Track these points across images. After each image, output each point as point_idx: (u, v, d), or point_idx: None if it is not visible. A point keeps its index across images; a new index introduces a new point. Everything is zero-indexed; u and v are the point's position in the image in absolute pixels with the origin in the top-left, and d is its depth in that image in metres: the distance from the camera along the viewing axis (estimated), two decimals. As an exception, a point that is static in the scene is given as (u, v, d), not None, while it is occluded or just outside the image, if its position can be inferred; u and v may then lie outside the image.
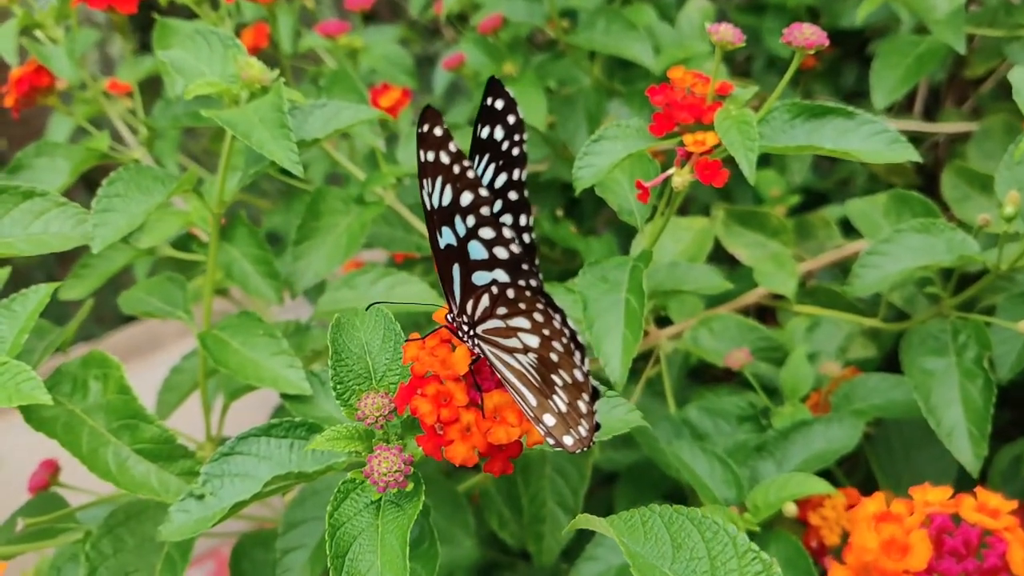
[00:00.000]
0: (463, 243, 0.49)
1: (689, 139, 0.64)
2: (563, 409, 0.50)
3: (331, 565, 0.48)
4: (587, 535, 0.68)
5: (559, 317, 0.48)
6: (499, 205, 0.54)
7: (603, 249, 1.14)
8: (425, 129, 0.47)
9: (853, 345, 0.94)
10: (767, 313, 1.14)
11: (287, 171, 0.68)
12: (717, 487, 0.76)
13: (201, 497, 0.56)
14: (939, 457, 0.87)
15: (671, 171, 0.66)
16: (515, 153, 0.53)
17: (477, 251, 0.50)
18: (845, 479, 0.94)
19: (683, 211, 1.21)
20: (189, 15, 0.93)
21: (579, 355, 0.49)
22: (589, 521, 0.49)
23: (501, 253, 0.49)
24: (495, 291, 0.49)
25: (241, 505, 0.54)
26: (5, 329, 0.63)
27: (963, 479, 0.79)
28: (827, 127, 0.66)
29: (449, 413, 0.49)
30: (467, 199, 0.48)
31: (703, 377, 1.16)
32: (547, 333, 0.49)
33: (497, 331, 0.50)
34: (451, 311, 0.52)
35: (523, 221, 0.54)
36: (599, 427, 0.51)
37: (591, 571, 0.79)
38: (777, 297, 0.99)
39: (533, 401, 0.50)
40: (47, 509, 0.74)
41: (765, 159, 1.10)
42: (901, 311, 0.91)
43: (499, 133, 0.53)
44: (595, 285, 0.68)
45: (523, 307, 0.49)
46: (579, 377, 0.49)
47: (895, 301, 0.91)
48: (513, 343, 0.50)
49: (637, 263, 0.68)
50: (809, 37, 0.62)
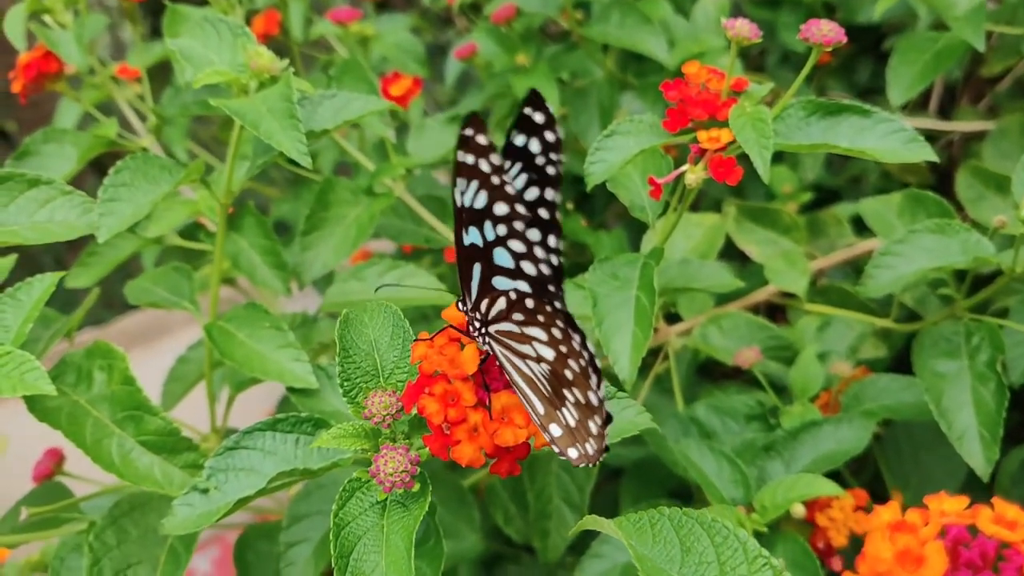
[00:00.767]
0: (489, 247, 0.48)
1: (703, 136, 0.64)
2: (572, 424, 0.49)
3: (335, 565, 0.48)
4: (593, 531, 0.67)
5: (578, 338, 0.47)
6: (529, 216, 0.51)
7: (613, 244, 1.13)
8: (469, 133, 0.46)
9: (864, 345, 0.93)
10: (777, 311, 1.14)
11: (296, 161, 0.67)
12: (725, 487, 0.75)
13: (205, 491, 0.55)
14: (948, 459, 0.87)
15: (684, 168, 0.66)
16: (550, 172, 0.51)
17: (503, 258, 0.49)
18: (852, 478, 0.93)
19: (694, 207, 1.20)
20: (200, 1, 0.93)
21: (595, 379, 0.48)
22: (597, 522, 0.48)
23: (528, 268, 0.49)
24: (514, 296, 0.48)
25: (245, 501, 0.53)
26: (10, 318, 0.62)
27: (971, 481, 0.78)
28: (843, 125, 0.65)
29: (456, 413, 0.48)
30: (502, 209, 0.47)
31: (712, 374, 1.15)
32: (564, 350, 0.48)
33: (511, 335, 0.49)
34: (465, 304, 0.51)
35: (551, 242, 0.51)
36: (607, 449, 0.51)
37: (596, 569, 0.78)
38: (788, 295, 0.99)
39: (540, 409, 0.49)
40: (51, 498, 0.74)
41: (778, 155, 1.10)
42: (913, 311, 0.90)
43: (535, 146, 0.51)
44: (605, 282, 0.67)
45: (541, 319, 0.48)
46: (593, 400, 0.49)
47: (907, 301, 0.90)
48: (526, 350, 0.49)
49: (648, 260, 0.67)
50: (827, 34, 0.61)
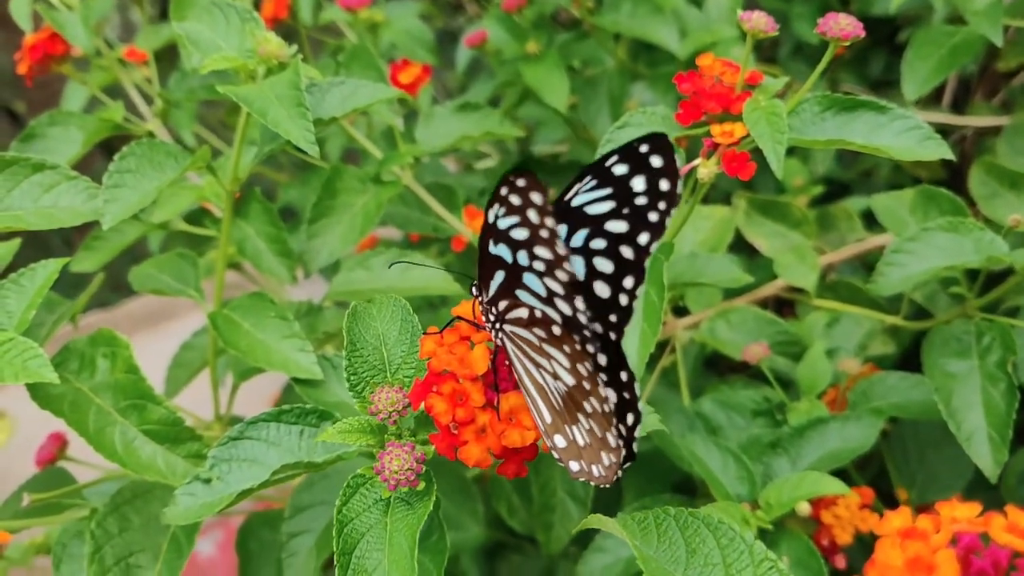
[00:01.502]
0: (520, 268, 0.45)
1: (716, 130, 0.63)
2: (581, 444, 0.48)
3: (338, 562, 0.47)
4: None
5: (601, 379, 0.47)
6: (602, 244, 0.48)
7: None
8: (524, 184, 0.42)
9: (873, 342, 0.93)
10: (786, 305, 1.13)
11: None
12: (730, 483, 0.75)
13: (208, 481, 0.55)
14: (955, 458, 0.86)
15: (697, 162, 0.65)
16: (651, 218, 0.46)
17: (534, 284, 0.46)
18: (857, 474, 0.92)
19: (704, 198, 1.19)
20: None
21: (631, 418, 0.49)
22: (601, 521, 0.48)
23: (563, 307, 0.46)
24: (539, 315, 0.46)
25: (248, 492, 0.53)
26: (13, 304, 0.62)
27: (978, 481, 0.77)
28: (858, 121, 0.64)
29: (465, 413, 0.47)
30: (544, 254, 0.44)
31: (718, 367, 1.15)
32: (587, 387, 0.47)
33: (527, 342, 0.48)
34: (480, 294, 0.49)
35: (627, 283, 0.48)
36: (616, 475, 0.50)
37: (599, 563, 0.78)
38: (797, 290, 0.98)
39: (548, 418, 0.48)
40: (54, 484, 0.74)
41: (790, 148, 1.09)
42: (922, 308, 0.90)
43: (638, 184, 0.46)
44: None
45: (567, 351, 0.46)
46: (610, 441, 0.48)
47: (917, 299, 0.89)
48: (542, 361, 0.48)
49: (658, 255, 0.67)
50: (845, 28, 0.60)
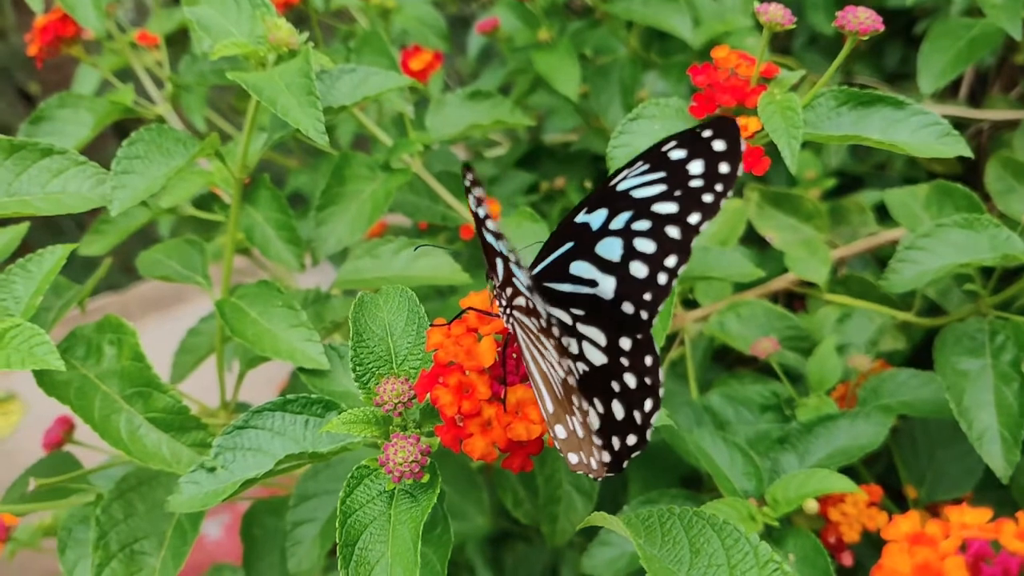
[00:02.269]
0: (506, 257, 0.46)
1: (730, 123, 0.62)
2: (580, 435, 0.48)
3: (340, 554, 0.47)
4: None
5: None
6: (645, 225, 0.49)
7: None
8: (474, 178, 0.43)
9: (884, 338, 0.92)
10: (796, 299, 1.12)
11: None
12: (737, 478, 0.74)
13: (212, 470, 0.55)
14: (964, 457, 0.85)
15: (709, 155, 0.64)
16: (706, 199, 0.47)
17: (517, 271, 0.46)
18: (865, 471, 0.92)
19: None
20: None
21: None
22: (605, 519, 0.48)
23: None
24: (531, 305, 0.46)
25: (252, 482, 0.53)
26: (20, 289, 0.62)
27: (989, 480, 0.77)
28: (875, 116, 0.63)
29: (470, 406, 0.47)
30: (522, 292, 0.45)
31: (726, 360, 1.14)
32: (567, 369, 0.46)
33: (529, 330, 0.48)
34: (491, 280, 0.50)
35: (669, 262, 0.49)
36: (612, 467, 0.50)
37: (604, 556, 0.78)
38: (808, 284, 0.97)
39: (550, 407, 0.48)
40: (60, 468, 0.74)
41: (804, 141, 1.08)
42: (935, 304, 0.89)
43: (695, 167, 0.47)
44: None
45: (552, 341, 0.46)
46: (596, 440, 0.48)
47: (930, 294, 0.88)
48: (543, 349, 0.47)
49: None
50: (864, 22, 0.59)
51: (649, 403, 0.49)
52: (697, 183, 0.47)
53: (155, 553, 0.66)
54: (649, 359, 0.49)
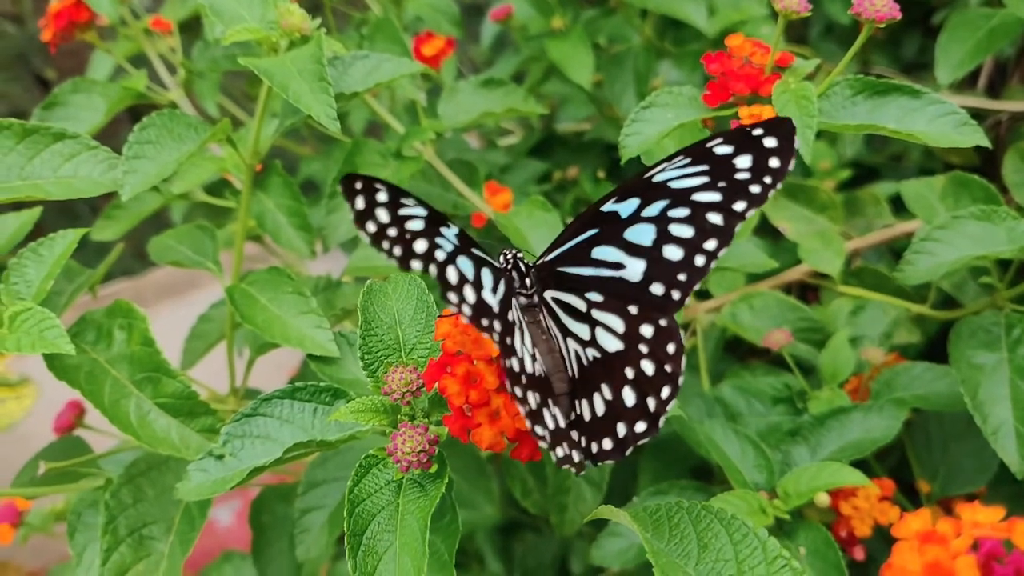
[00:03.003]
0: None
1: (744, 112, 0.61)
2: (550, 425, 0.48)
3: (348, 543, 0.47)
4: (611, 505, 0.66)
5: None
6: (683, 212, 0.51)
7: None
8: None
9: (898, 331, 0.91)
10: (809, 291, 1.11)
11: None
12: (748, 471, 0.74)
13: (221, 457, 0.55)
14: (979, 451, 0.85)
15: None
16: (753, 190, 0.49)
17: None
18: (877, 465, 0.91)
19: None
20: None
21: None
22: (612, 512, 0.47)
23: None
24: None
25: (260, 469, 0.53)
26: (32, 273, 0.62)
27: (1003, 475, 0.76)
28: (891, 105, 0.62)
29: (478, 395, 0.47)
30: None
31: (738, 351, 1.14)
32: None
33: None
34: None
35: (709, 245, 0.51)
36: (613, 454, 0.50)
37: (614, 547, 0.78)
38: (821, 275, 0.96)
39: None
40: (70, 452, 0.74)
41: (819, 131, 1.08)
42: (950, 296, 0.88)
43: (744, 161, 0.49)
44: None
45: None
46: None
47: (945, 287, 0.87)
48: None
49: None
50: (880, 9, 0.58)
51: (667, 390, 0.50)
52: (744, 175, 0.49)
53: (163, 538, 0.66)
54: (672, 347, 0.50)
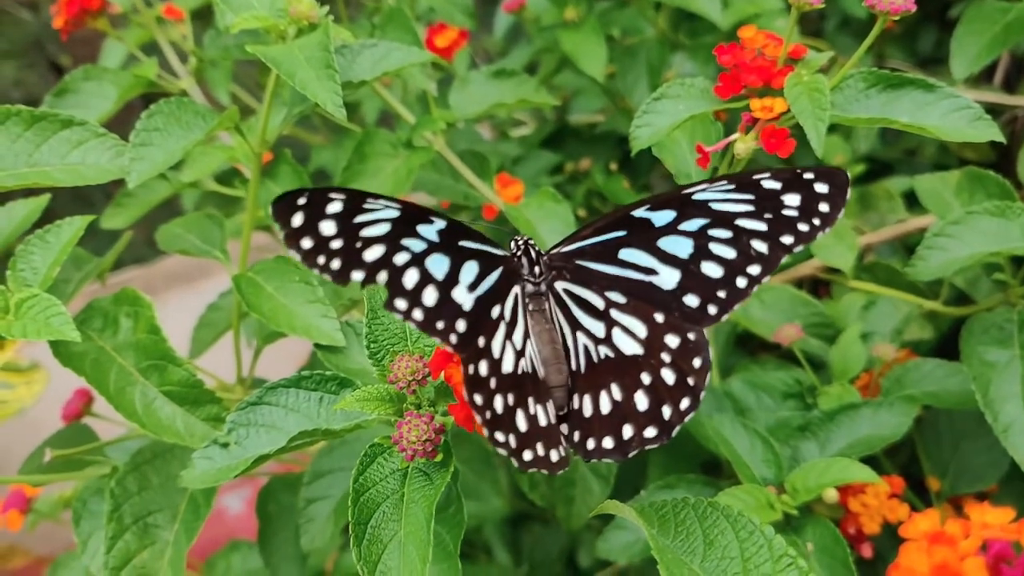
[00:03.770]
0: None
1: (756, 104, 0.61)
2: (523, 428, 0.49)
3: (352, 532, 0.47)
4: (619, 498, 0.66)
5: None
6: (726, 234, 0.52)
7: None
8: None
9: (910, 327, 0.90)
10: (821, 285, 1.11)
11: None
12: (756, 466, 0.73)
13: (226, 445, 0.55)
14: (990, 449, 0.84)
15: (734, 136, 0.63)
16: (801, 228, 0.51)
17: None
18: (887, 461, 0.91)
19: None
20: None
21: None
22: (618, 508, 0.47)
23: None
24: None
25: (265, 458, 0.52)
26: (38, 260, 0.62)
27: (1014, 474, 0.76)
28: (904, 99, 0.62)
29: (483, 385, 0.47)
30: None
31: (749, 345, 1.13)
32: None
33: None
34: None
35: (752, 270, 0.52)
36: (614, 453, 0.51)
37: (620, 541, 0.78)
38: (833, 270, 0.96)
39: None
40: (78, 440, 0.74)
41: (832, 125, 1.07)
42: (963, 293, 0.87)
43: (792, 200, 0.51)
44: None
45: None
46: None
47: (957, 283, 0.87)
48: None
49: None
50: (895, 1, 0.57)
51: (687, 402, 0.50)
52: (791, 212, 0.51)
53: (168, 527, 0.66)
54: (699, 361, 0.50)
